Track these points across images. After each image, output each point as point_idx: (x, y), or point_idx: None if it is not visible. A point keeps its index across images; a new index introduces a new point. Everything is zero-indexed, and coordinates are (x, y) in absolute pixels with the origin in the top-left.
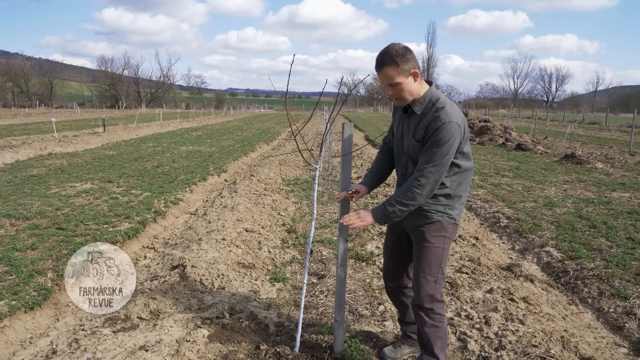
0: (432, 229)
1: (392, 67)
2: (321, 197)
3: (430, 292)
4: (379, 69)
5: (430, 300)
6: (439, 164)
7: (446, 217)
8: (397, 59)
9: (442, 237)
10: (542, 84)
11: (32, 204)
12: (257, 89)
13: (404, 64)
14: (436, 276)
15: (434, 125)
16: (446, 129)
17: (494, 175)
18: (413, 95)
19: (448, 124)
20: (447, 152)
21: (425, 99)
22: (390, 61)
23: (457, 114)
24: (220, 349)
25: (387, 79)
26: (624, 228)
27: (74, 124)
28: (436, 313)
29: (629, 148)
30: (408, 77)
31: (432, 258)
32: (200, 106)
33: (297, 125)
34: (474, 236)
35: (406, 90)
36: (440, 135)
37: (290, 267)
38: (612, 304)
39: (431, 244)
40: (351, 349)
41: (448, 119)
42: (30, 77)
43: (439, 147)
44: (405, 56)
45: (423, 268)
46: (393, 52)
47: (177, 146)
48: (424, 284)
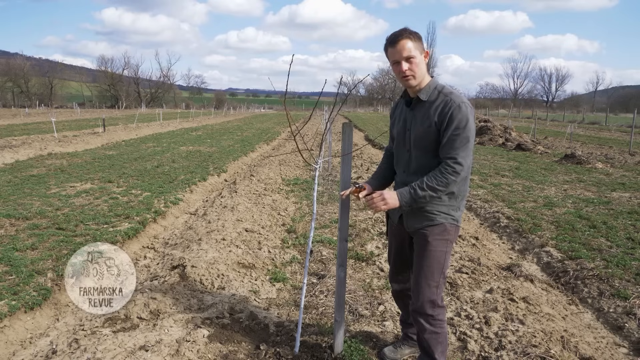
0: (435, 232)
1: (410, 39)
2: (321, 197)
3: (432, 297)
4: (395, 42)
5: (431, 306)
6: (466, 147)
7: (450, 219)
8: (414, 34)
9: (445, 240)
10: (542, 84)
11: (32, 204)
12: (257, 89)
13: (418, 40)
14: (438, 281)
15: (447, 109)
16: (462, 110)
17: (494, 175)
18: (422, 76)
19: (462, 105)
20: (470, 134)
21: (431, 87)
22: (408, 34)
23: (465, 99)
24: (220, 349)
25: (405, 51)
26: (624, 228)
27: (74, 124)
28: (437, 319)
29: (629, 148)
30: (421, 55)
31: (434, 262)
32: (200, 106)
33: (296, 125)
34: (474, 236)
35: (420, 67)
36: (459, 117)
37: (290, 267)
38: (612, 304)
39: (433, 247)
40: (351, 349)
41: (460, 100)
42: (30, 77)
43: (460, 129)
44: (418, 35)
45: (425, 273)
46: (409, 29)
47: (177, 146)
48: (425, 289)
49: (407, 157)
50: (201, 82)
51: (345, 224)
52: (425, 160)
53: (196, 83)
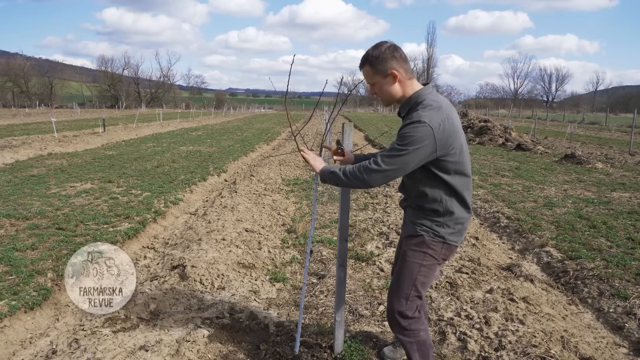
0: (412, 243)
1: (366, 66)
2: (321, 197)
3: (399, 309)
4: (360, 68)
5: (400, 316)
6: (393, 160)
7: (431, 233)
8: (372, 59)
9: (422, 252)
10: (542, 84)
11: (32, 204)
12: (257, 89)
13: (378, 64)
14: (407, 293)
15: (403, 123)
16: (414, 128)
17: (494, 175)
18: (393, 96)
19: (417, 124)
20: (407, 152)
21: (411, 100)
22: (364, 61)
23: (435, 118)
24: (220, 349)
25: (367, 77)
26: (624, 228)
27: (74, 124)
28: (409, 329)
29: (629, 148)
30: (386, 78)
31: (406, 272)
32: (200, 106)
33: (297, 125)
34: (474, 236)
35: (384, 90)
36: (406, 131)
37: (290, 267)
38: (612, 304)
39: (408, 257)
40: (351, 349)
41: (419, 118)
42: (30, 77)
43: (399, 142)
44: (381, 57)
45: (397, 281)
46: (370, 53)
47: (177, 146)
48: (393, 299)
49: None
50: (201, 82)
51: (345, 224)
52: (410, 182)
53: (196, 83)
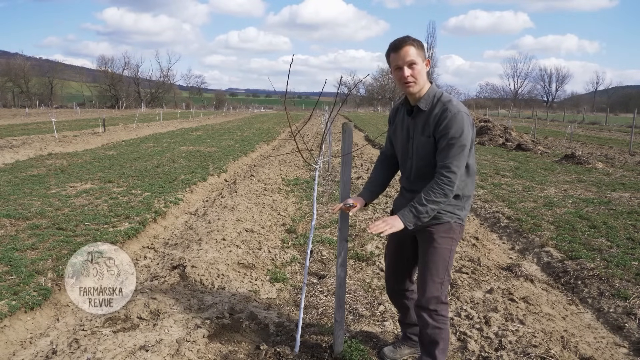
0: (441, 230)
1: (413, 46)
2: (321, 197)
3: (436, 293)
4: (399, 48)
5: (435, 301)
6: (461, 155)
7: (455, 217)
8: (415, 41)
9: (450, 238)
10: (542, 84)
11: (32, 204)
12: (257, 89)
13: (421, 48)
14: (442, 278)
15: (444, 118)
16: (458, 119)
17: (494, 175)
18: (423, 84)
19: (458, 114)
20: (465, 142)
21: (430, 95)
22: (412, 41)
23: (463, 107)
24: (220, 349)
25: (408, 56)
26: (624, 228)
27: (74, 124)
28: (440, 315)
29: (629, 148)
30: (423, 62)
31: (439, 259)
32: (200, 106)
33: (297, 125)
34: (474, 236)
35: (421, 73)
36: (454, 127)
37: (290, 267)
38: (612, 304)
39: (439, 244)
40: (351, 349)
41: (457, 109)
42: (30, 77)
43: (456, 138)
44: (421, 43)
45: (430, 269)
46: (409, 36)
47: (177, 146)
48: (430, 285)
49: (410, 165)
50: (201, 82)
51: (345, 224)
52: (427, 169)
53: (196, 83)
